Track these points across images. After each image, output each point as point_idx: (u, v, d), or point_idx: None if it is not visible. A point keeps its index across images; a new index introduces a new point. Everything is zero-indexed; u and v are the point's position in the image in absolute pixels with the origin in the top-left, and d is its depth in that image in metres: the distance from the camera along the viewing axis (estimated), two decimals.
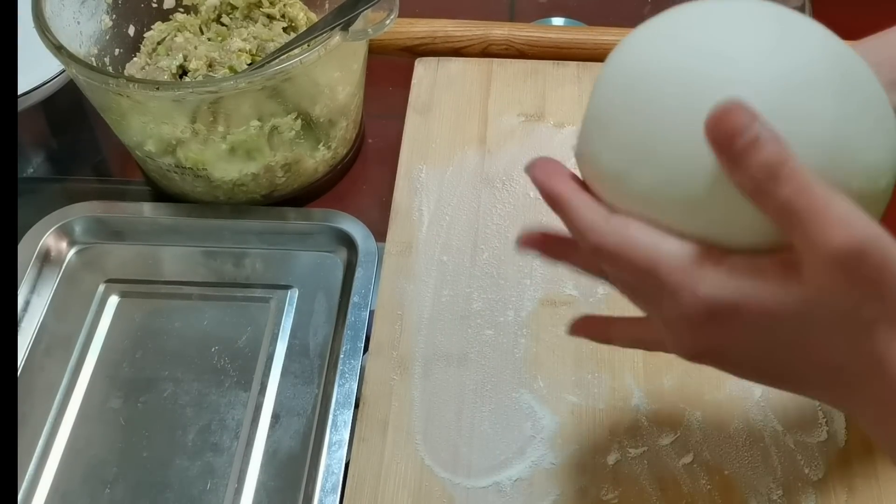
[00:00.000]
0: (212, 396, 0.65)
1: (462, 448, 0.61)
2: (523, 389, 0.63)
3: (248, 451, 0.63)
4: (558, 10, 0.94)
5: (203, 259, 0.74)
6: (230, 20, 0.81)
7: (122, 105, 0.69)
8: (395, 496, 0.59)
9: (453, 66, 0.84)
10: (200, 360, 0.67)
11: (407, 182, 0.75)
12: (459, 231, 0.72)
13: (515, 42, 0.85)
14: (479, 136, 0.78)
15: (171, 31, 0.79)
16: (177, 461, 0.62)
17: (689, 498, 0.58)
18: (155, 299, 0.71)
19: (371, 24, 0.69)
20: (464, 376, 0.64)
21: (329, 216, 0.74)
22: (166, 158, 0.73)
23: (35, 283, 0.71)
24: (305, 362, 0.67)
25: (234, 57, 0.77)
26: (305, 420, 0.64)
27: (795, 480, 0.58)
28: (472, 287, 0.68)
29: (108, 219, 0.74)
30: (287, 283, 0.72)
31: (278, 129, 0.72)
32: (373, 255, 0.71)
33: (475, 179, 0.75)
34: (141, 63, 0.79)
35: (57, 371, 0.66)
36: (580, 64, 0.83)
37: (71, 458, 0.63)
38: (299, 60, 0.66)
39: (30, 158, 0.83)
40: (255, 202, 0.76)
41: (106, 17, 0.78)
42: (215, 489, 0.61)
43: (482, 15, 0.89)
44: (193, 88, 0.68)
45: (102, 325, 0.69)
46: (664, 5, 0.43)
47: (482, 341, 0.66)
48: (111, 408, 0.65)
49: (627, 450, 0.60)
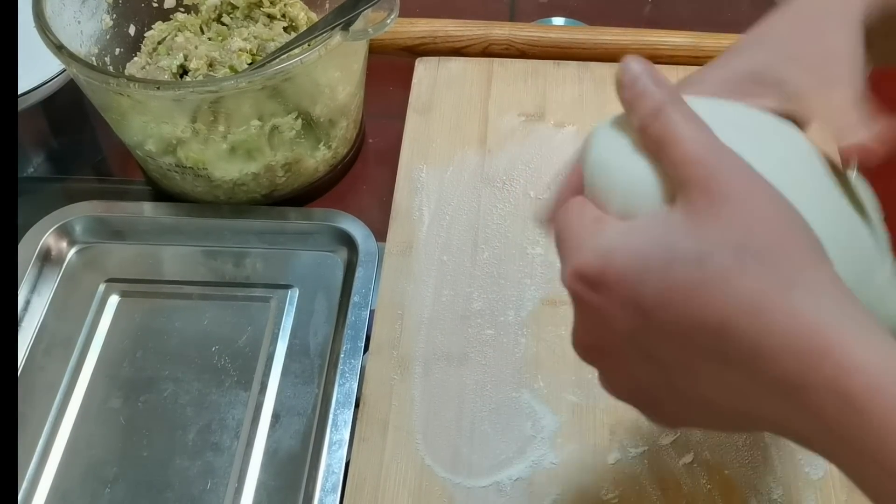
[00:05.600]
0: (212, 396, 0.65)
1: (462, 448, 0.61)
2: (524, 389, 0.63)
3: (248, 451, 0.63)
4: (558, 10, 0.94)
5: (203, 259, 0.74)
6: (231, 20, 0.81)
7: (123, 105, 0.69)
8: (395, 496, 0.59)
9: (454, 65, 0.84)
10: (200, 360, 0.67)
11: (407, 182, 0.75)
12: (459, 231, 0.72)
13: (516, 42, 0.85)
14: (479, 136, 0.78)
15: (171, 31, 0.79)
16: (177, 461, 0.62)
17: (689, 498, 0.58)
18: (155, 299, 0.71)
19: (371, 23, 0.69)
20: (464, 376, 0.64)
21: (329, 216, 0.74)
22: (167, 158, 0.73)
23: (35, 283, 0.71)
24: (305, 362, 0.67)
25: (234, 57, 0.77)
26: (305, 420, 0.64)
27: (795, 480, 0.58)
28: (473, 287, 0.68)
29: (109, 218, 0.74)
30: (287, 283, 0.72)
31: (279, 128, 0.72)
32: (373, 255, 0.71)
33: (475, 179, 0.75)
34: (141, 63, 0.79)
35: (57, 371, 0.66)
36: (580, 64, 0.83)
37: (71, 458, 0.63)
38: (300, 60, 0.66)
39: (30, 158, 0.83)
40: (256, 202, 0.76)
41: (106, 17, 0.78)
42: (215, 489, 0.61)
43: (483, 15, 0.89)
44: (194, 88, 0.68)
45: (102, 324, 0.69)
46: (664, 5, 0.43)
47: (482, 341, 0.66)
48: (111, 408, 0.65)
49: (627, 449, 0.60)
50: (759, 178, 0.37)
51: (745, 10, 0.94)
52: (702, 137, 0.38)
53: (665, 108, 0.39)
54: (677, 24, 0.85)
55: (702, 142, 0.37)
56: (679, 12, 0.94)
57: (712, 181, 0.36)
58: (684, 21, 0.87)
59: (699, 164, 0.37)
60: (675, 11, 0.94)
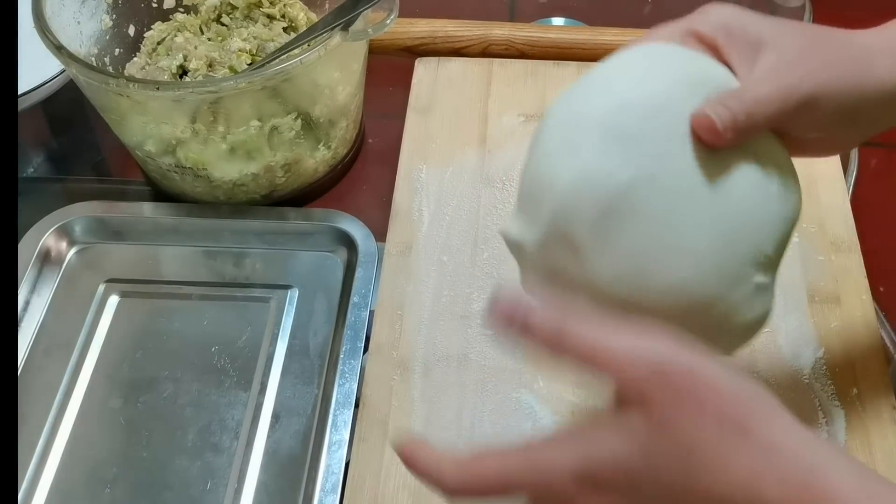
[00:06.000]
0: (212, 396, 0.65)
1: (462, 448, 0.60)
2: (523, 389, 0.63)
3: (248, 451, 0.63)
4: (558, 10, 0.94)
5: (203, 259, 0.74)
6: (230, 20, 0.81)
7: (122, 105, 0.69)
8: (395, 496, 0.59)
9: (453, 66, 0.84)
10: (200, 360, 0.67)
11: (407, 182, 0.75)
12: (459, 231, 0.72)
13: (516, 42, 0.85)
14: (479, 136, 0.78)
15: (171, 31, 0.79)
16: (177, 461, 0.62)
17: None
18: (155, 299, 0.71)
19: (371, 24, 0.69)
20: (464, 376, 0.64)
21: (329, 216, 0.74)
22: (166, 158, 0.73)
23: (35, 283, 0.71)
24: (305, 362, 0.67)
25: (234, 57, 0.77)
26: (305, 420, 0.64)
27: None
28: (473, 287, 0.68)
29: (108, 219, 0.74)
30: (287, 283, 0.72)
31: (278, 129, 0.72)
32: (373, 255, 0.71)
33: (475, 179, 0.75)
34: (141, 63, 0.79)
35: (57, 371, 0.66)
36: (580, 64, 0.83)
37: (71, 458, 0.63)
38: (299, 60, 0.66)
39: (30, 158, 0.83)
40: (255, 202, 0.76)
41: (106, 17, 0.78)
42: (215, 489, 0.61)
43: (482, 15, 0.89)
44: (193, 88, 0.68)
45: (102, 325, 0.69)
46: (664, 5, 0.43)
47: (482, 341, 0.66)
48: (111, 408, 0.65)
49: None
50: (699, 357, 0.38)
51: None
52: (614, 340, 0.38)
53: (563, 331, 0.39)
54: None
55: (619, 349, 0.38)
56: (679, 12, 0.94)
57: (648, 393, 0.37)
58: None
59: (632, 382, 0.38)
60: (675, 11, 0.94)
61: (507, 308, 0.40)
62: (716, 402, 0.36)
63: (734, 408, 0.36)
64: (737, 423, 0.36)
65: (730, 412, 0.36)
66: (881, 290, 0.68)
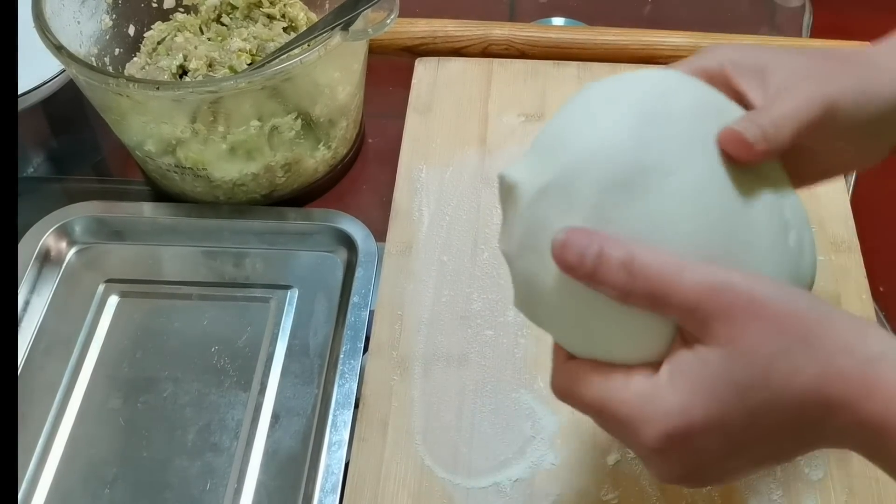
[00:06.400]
0: (212, 396, 0.65)
1: (462, 448, 0.61)
2: (523, 390, 0.63)
3: (248, 451, 0.63)
4: (558, 10, 0.94)
5: (203, 259, 0.74)
6: (230, 20, 0.81)
7: (122, 105, 0.69)
8: (395, 496, 0.59)
9: (453, 66, 0.84)
10: (200, 360, 0.67)
11: (407, 182, 0.75)
12: (459, 231, 0.72)
13: (516, 42, 0.85)
14: (479, 136, 0.78)
15: (171, 31, 0.79)
16: (177, 461, 0.62)
17: (689, 498, 0.58)
18: (155, 299, 0.71)
19: (371, 24, 0.69)
20: (464, 376, 0.64)
21: (329, 216, 0.74)
22: (166, 158, 0.73)
23: (35, 283, 0.71)
24: (305, 362, 0.67)
25: (234, 57, 0.77)
26: (305, 420, 0.64)
27: (795, 480, 0.58)
28: (472, 287, 0.68)
29: (108, 219, 0.74)
30: (287, 283, 0.72)
31: (278, 129, 0.72)
32: (373, 255, 0.71)
33: (475, 179, 0.75)
34: (141, 63, 0.79)
35: (57, 371, 0.66)
36: (580, 64, 0.83)
37: (71, 458, 0.63)
38: (299, 60, 0.66)
39: (30, 158, 0.83)
40: (255, 202, 0.76)
41: (106, 17, 0.78)
42: (215, 489, 0.61)
43: (482, 15, 0.89)
44: (193, 88, 0.68)
45: (102, 325, 0.69)
46: (664, 5, 0.43)
47: (482, 341, 0.66)
48: (111, 408, 0.65)
49: (627, 450, 0.60)
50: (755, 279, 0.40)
51: (745, 11, 0.93)
52: (683, 272, 0.40)
53: (632, 263, 0.40)
54: (677, 24, 0.85)
55: (689, 278, 0.40)
56: (679, 12, 0.94)
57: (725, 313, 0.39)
58: (684, 21, 0.87)
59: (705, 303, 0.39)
60: (675, 11, 0.94)
61: (583, 238, 0.40)
62: (777, 322, 0.39)
63: (793, 324, 0.39)
64: (799, 337, 0.39)
65: (790, 328, 0.39)
66: (881, 290, 0.68)
